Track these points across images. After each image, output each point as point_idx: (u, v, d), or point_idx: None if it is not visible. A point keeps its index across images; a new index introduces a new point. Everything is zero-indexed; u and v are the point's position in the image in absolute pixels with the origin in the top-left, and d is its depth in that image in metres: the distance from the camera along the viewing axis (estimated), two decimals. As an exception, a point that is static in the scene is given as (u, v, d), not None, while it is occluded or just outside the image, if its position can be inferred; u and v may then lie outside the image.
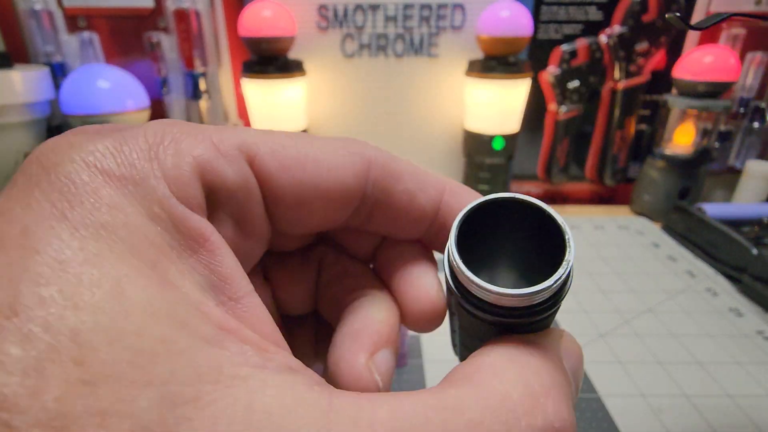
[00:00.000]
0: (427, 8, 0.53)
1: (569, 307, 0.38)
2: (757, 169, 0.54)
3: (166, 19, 0.53)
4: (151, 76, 0.56)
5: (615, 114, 0.56)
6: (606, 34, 0.53)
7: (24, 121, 0.50)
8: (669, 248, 0.48)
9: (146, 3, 0.53)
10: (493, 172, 0.54)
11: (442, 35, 0.54)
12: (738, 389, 0.30)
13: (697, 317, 0.37)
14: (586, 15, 0.53)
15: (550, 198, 0.63)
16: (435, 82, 0.57)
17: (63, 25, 0.53)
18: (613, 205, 0.62)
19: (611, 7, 0.53)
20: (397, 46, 0.55)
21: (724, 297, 0.40)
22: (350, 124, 0.59)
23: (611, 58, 0.54)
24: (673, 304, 0.39)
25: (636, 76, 0.54)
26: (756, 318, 0.37)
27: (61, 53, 0.54)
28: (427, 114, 0.58)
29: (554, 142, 0.57)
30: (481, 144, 0.53)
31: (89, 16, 0.53)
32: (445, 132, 0.59)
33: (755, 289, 0.39)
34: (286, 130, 0.12)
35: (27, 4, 0.51)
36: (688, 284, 0.42)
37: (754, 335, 0.35)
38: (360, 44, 0.55)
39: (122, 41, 0.54)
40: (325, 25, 0.54)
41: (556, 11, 0.53)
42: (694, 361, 0.32)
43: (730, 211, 0.48)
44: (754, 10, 0.53)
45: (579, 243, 0.50)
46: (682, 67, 0.51)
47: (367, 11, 0.53)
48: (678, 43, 0.55)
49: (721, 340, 0.34)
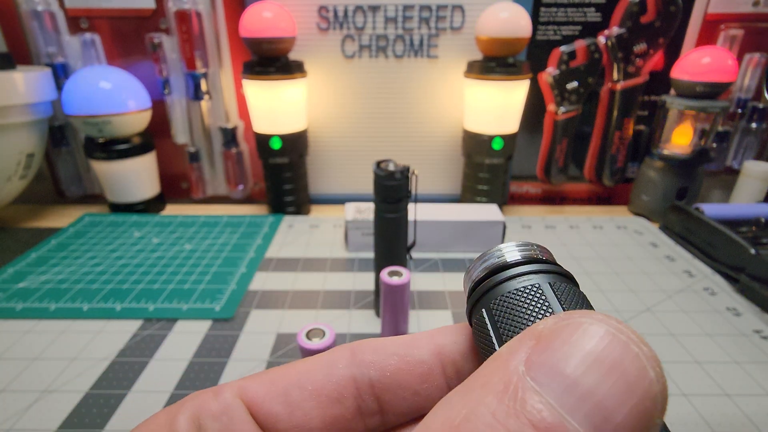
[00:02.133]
0: (426, 9, 0.53)
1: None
2: (754, 169, 0.54)
3: (167, 20, 0.54)
4: (152, 77, 0.56)
5: (613, 115, 0.56)
6: (604, 36, 0.54)
7: (26, 121, 0.50)
8: (667, 248, 0.49)
9: (148, 4, 0.53)
10: (493, 172, 0.54)
11: (441, 36, 0.55)
12: (736, 388, 0.30)
13: (695, 316, 0.37)
14: (584, 16, 0.54)
15: (549, 198, 0.63)
16: (435, 83, 0.57)
17: (65, 26, 0.54)
18: (611, 206, 0.62)
19: (610, 9, 0.53)
20: (397, 47, 0.55)
21: (722, 296, 0.40)
22: (350, 124, 0.59)
23: (610, 59, 0.54)
24: (672, 303, 0.39)
25: (634, 77, 0.55)
26: (754, 317, 0.37)
27: (63, 54, 0.54)
28: (426, 114, 0.59)
29: (553, 143, 0.58)
30: (481, 144, 0.53)
31: (91, 17, 0.53)
32: (444, 132, 0.59)
33: (753, 288, 0.39)
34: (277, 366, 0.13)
35: (29, 5, 0.51)
36: (687, 284, 0.42)
37: (751, 334, 0.35)
38: (360, 45, 0.55)
39: (124, 42, 0.55)
40: (326, 26, 0.54)
41: (554, 12, 0.53)
42: (693, 360, 0.32)
43: (728, 211, 0.49)
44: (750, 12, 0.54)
45: (578, 243, 0.50)
46: (680, 67, 0.52)
47: (367, 12, 0.53)
48: (676, 45, 0.55)
49: (719, 340, 0.35)
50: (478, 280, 0.12)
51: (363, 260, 0.46)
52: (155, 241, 0.49)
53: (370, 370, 0.12)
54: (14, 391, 0.29)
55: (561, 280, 0.11)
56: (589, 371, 0.08)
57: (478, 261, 0.12)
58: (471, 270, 0.12)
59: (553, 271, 0.11)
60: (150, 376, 0.31)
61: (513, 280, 0.11)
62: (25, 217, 0.57)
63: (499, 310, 0.11)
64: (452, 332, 0.13)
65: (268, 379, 0.12)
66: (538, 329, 0.09)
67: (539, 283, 0.11)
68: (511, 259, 0.12)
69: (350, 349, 0.12)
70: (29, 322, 0.36)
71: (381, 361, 0.12)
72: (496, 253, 0.12)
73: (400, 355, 0.12)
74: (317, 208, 0.61)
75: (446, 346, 0.12)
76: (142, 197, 0.56)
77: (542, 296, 0.10)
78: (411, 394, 0.12)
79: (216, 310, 0.37)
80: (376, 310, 0.38)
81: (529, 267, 0.11)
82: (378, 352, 0.12)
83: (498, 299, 0.11)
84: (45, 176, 0.61)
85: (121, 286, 0.41)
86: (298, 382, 0.12)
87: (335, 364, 0.12)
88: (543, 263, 0.11)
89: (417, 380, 0.12)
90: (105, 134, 0.52)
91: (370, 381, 0.12)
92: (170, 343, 0.34)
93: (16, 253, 0.47)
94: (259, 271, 0.44)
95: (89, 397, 0.29)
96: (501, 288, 0.11)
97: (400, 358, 0.12)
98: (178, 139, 0.59)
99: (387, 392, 0.12)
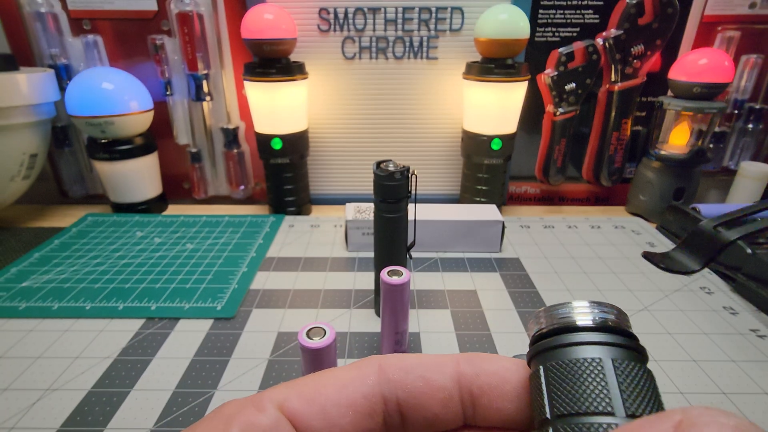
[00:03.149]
0: (426, 11, 0.54)
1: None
2: (751, 169, 0.55)
3: (169, 22, 0.54)
4: (154, 79, 0.56)
5: (611, 115, 0.57)
6: (602, 37, 0.54)
7: (29, 122, 0.50)
8: (664, 248, 0.49)
9: (150, 6, 0.53)
10: (492, 172, 0.55)
11: (440, 38, 0.55)
12: (732, 386, 0.30)
13: (693, 316, 0.38)
14: (582, 18, 0.54)
15: (548, 198, 0.63)
16: (434, 84, 0.57)
17: (68, 28, 0.54)
18: (609, 206, 0.63)
19: (607, 11, 0.54)
20: (397, 49, 0.56)
21: (718, 296, 0.40)
22: (350, 125, 0.59)
23: (607, 60, 0.55)
24: (669, 302, 0.39)
25: (632, 78, 0.55)
26: (750, 316, 0.38)
27: (66, 55, 0.55)
28: (426, 115, 0.59)
29: (551, 143, 0.58)
30: (480, 145, 0.53)
31: (94, 18, 0.54)
32: (444, 133, 0.60)
33: (749, 287, 0.40)
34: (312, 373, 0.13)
35: (32, 7, 0.52)
36: (684, 283, 0.42)
37: (748, 333, 0.36)
38: (360, 47, 0.55)
39: (126, 44, 0.55)
40: (326, 27, 0.55)
41: (553, 14, 0.54)
42: (690, 359, 0.33)
43: (725, 211, 0.49)
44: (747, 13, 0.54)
45: (576, 243, 0.50)
46: (677, 69, 0.52)
47: (367, 14, 0.54)
48: (673, 46, 0.55)
49: (716, 338, 0.35)
50: (543, 334, 0.12)
51: (363, 260, 0.46)
52: (157, 240, 0.49)
53: (398, 390, 0.13)
54: (18, 389, 0.30)
55: (628, 356, 0.11)
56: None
57: (549, 311, 0.12)
58: (539, 318, 0.12)
59: (622, 344, 0.11)
60: (152, 375, 0.31)
61: (576, 347, 0.11)
62: (28, 217, 0.57)
63: (555, 373, 0.11)
64: (477, 364, 0.13)
65: (307, 393, 0.12)
66: (679, 415, 0.08)
67: (601, 358, 0.11)
68: (581, 323, 0.11)
69: (379, 365, 0.13)
70: (32, 321, 0.36)
71: (408, 383, 0.13)
72: (567, 310, 0.12)
73: (426, 379, 0.13)
74: (318, 208, 0.61)
75: (468, 376, 0.13)
76: (144, 197, 0.57)
77: (600, 372, 0.10)
78: (432, 415, 0.13)
79: (217, 309, 0.38)
80: (376, 309, 0.38)
81: (596, 336, 0.11)
82: (406, 372, 0.13)
83: (556, 363, 0.11)
84: (48, 176, 0.61)
85: (123, 285, 0.41)
86: (336, 399, 0.12)
87: (365, 380, 0.13)
88: (613, 333, 0.11)
89: (438, 404, 0.13)
90: (107, 135, 0.52)
91: (397, 399, 0.13)
92: (172, 341, 0.34)
93: (19, 253, 0.47)
94: (260, 270, 0.44)
95: (92, 395, 0.29)
96: (562, 352, 0.11)
97: (425, 383, 0.13)
98: (179, 139, 0.59)
99: (411, 411, 0.13)
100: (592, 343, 0.11)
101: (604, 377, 0.10)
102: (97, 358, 0.33)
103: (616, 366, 0.10)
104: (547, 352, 0.11)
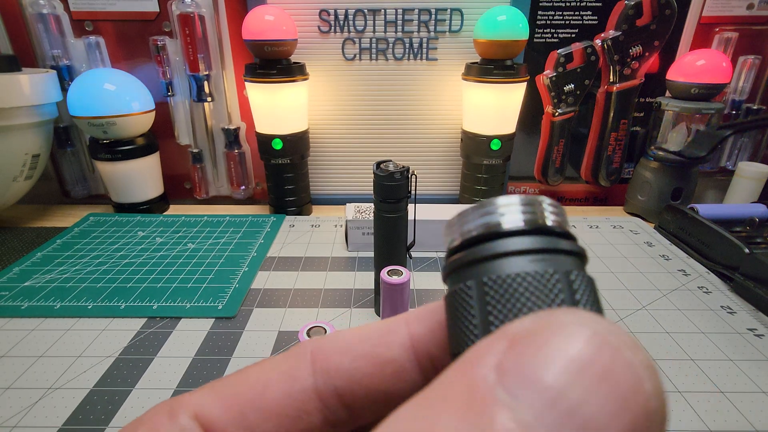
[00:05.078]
0: (426, 12, 0.54)
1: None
2: (748, 169, 0.55)
3: (170, 24, 0.54)
4: (156, 79, 0.57)
5: (609, 116, 0.57)
6: (601, 38, 0.54)
7: (32, 123, 0.50)
8: (662, 247, 0.49)
9: (151, 7, 0.54)
10: (491, 172, 0.55)
11: (440, 39, 0.55)
12: (730, 385, 0.30)
13: (690, 315, 0.38)
14: (581, 19, 0.54)
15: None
16: (434, 85, 0.58)
17: (70, 29, 0.54)
18: (607, 206, 0.63)
19: (606, 12, 0.54)
20: (397, 50, 0.56)
21: (716, 295, 0.41)
22: (351, 126, 0.60)
23: (606, 61, 0.55)
24: (667, 302, 0.40)
25: (630, 79, 0.55)
26: (747, 316, 0.38)
27: (68, 56, 0.55)
28: (426, 116, 0.59)
29: (550, 144, 0.58)
30: (479, 145, 0.54)
31: (96, 20, 0.54)
32: (443, 133, 0.60)
33: (747, 287, 0.40)
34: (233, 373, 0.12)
35: (35, 9, 0.52)
36: (682, 282, 0.43)
37: (745, 332, 0.36)
38: (360, 48, 0.56)
39: (128, 45, 0.55)
40: (327, 29, 0.55)
41: (551, 16, 0.54)
42: (687, 358, 0.33)
43: (723, 211, 0.49)
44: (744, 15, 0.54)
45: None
46: (675, 70, 0.52)
47: (368, 16, 0.54)
48: (671, 47, 0.56)
49: (713, 338, 0.35)
50: (470, 239, 0.09)
51: (363, 259, 0.47)
52: (159, 240, 0.50)
53: (335, 379, 0.11)
54: (20, 388, 0.30)
55: (581, 267, 0.09)
56: (573, 382, 0.06)
57: (474, 211, 0.09)
58: (462, 219, 0.09)
59: (575, 251, 0.09)
60: (153, 374, 0.31)
61: (523, 256, 0.08)
62: (30, 217, 0.58)
63: (496, 291, 0.08)
64: (428, 317, 0.11)
65: (224, 396, 0.11)
66: (513, 329, 0.07)
67: (560, 271, 0.08)
68: (523, 225, 0.09)
69: (311, 353, 0.11)
70: (35, 320, 0.37)
71: (347, 367, 0.11)
72: (501, 209, 0.09)
73: (369, 356, 0.11)
74: (318, 208, 0.61)
75: (423, 336, 0.11)
76: (145, 197, 0.57)
77: (561, 292, 0.08)
78: (383, 395, 0.11)
79: (218, 309, 0.38)
80: (376, 308, 0.38)
81: (547, 241, 0.09)
82: (343, 354, 0.11)
83: (497, 276, 0.08)
84: (50, 177, 0.62)
85: (125, 284, 0.41)
86: (254, 402, 0.10)
87: (294, 374, 0.11)
88: (563, 238, 0.09)
89: (389, 381, 0.11)
90: (109, 135, 0.52)
91: (335, 390, 0.11)
92: (173, 340, 0.34)
93: (21, 253, 0.48)
94: (261, 270, 0.44)
95: (94, 394, 0.29)
96: (504, 263, 0.08)
97: (369, 360, 0.11)
98: (181, 140, 0.59)
99: (356, 399, 0.11)
100: (545, 250, 0.08)
101: (564, 297, 0.08)
102: (98, 357, 0.33)
103: (573, 280, 0.08)
104: (479, 265, 0.09)
